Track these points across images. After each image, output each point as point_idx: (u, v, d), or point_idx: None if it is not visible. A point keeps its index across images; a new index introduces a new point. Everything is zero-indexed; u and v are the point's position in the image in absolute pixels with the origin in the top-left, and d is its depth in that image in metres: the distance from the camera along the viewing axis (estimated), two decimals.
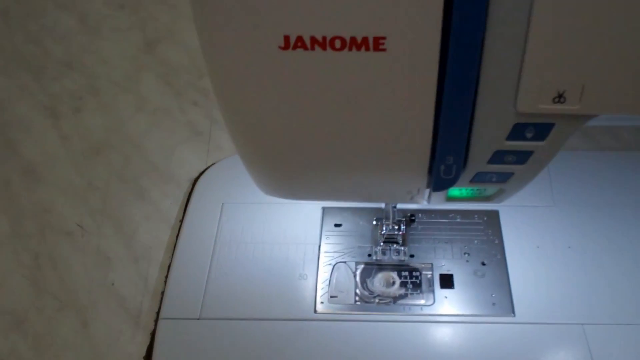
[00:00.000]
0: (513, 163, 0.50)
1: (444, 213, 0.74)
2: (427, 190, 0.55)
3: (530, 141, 0.48)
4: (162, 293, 0.68)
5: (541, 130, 0.47)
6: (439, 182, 0.51)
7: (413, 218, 0.72)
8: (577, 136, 0.81)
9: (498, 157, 0.49)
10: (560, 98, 0.44)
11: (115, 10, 1.03)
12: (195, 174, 0.80)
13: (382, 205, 0.70)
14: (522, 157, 0.50)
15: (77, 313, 0.68)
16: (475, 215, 0.73)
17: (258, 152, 0.51)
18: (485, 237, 0.71)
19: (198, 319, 0.66)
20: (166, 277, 0.70)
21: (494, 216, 0.73)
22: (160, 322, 0.66)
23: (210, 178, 0.79)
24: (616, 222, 0.71)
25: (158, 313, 0.67)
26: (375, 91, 0.44)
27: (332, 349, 0.63)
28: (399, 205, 0.71)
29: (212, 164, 0.81)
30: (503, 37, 0.41)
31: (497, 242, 0.71)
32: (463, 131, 0.47)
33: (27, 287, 0.70)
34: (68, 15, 1.03)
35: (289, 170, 0.52)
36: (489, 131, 0.47)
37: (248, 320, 0.65)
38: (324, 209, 0.74)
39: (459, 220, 0.73)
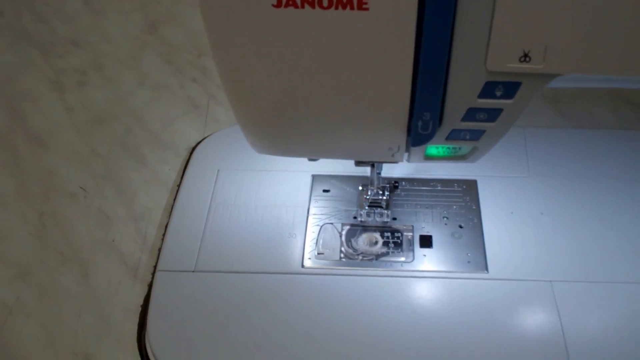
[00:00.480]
0: (484, 121, 0.55)
1: (426, 182, 0.78)
2: (407, 154, 0.60)
3: (500, 99, 0.53)
4: (160, 249, 0.73)
5: (509, 88, 0.52)
6: (417, 137, 0.55)
7: (396, 185, 0.77)
8: (554, 116, 0.86)
9: (471, 114, 0.54)
10: (525, 57, 0.49)
11: None
12: (193, 144, 0.84)
13: (368, 173, 0.75)
14: (492, 114, 0.54)
15: (79, 266, 0.73)
16: (455, 184, 0.78)
17: (252, 107, 0.56)
18: (464, 204, 0.76)
19: (193, 271, 0.70)
20: (164, 234, 0.74)
21: (472, 185, 0.78)
22: (157, 274, 0.70)
23: (207, 147, 0.84)
24: (586, 192, 0.76)
25: (155, 266, 0.71)
26: (359, 48, 0.49)
27: (318, 301, 0.68)
28: (384, 173, 0.76)
29: (209, 135, 0.85)
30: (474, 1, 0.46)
31: (474, 208, 0.75)
32: (438, 88, 0.52)
33: (32, 243, 0.75)
34: None
35: (279, 124, 0.57)
36: (462, 89, 0.52)
37: (240, 274, 0.70)
38: (313, 176, 0.79)
39: (439, 188, 0.78)
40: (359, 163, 0.70)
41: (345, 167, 0.79)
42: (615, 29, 0.46)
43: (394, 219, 0.75)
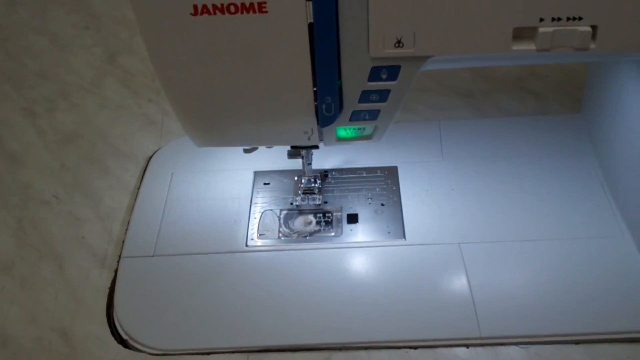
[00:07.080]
0: (377, 101, 0.67)
1: (352, 170, 0.90)
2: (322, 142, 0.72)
3: (386, 81, 0.65)
4: (123, 241, 0.84)
5: (392, 71, 0.64)
6: (323, 118, 0.67)
7: (326, 174, 0.89)
8: (465, 108, 0.99)
9: (365, 96, 0.66)
10: (399, 43, 0.61)
11: (81, 30, 1.20)
12: (150, 153, 0.96)
13: (301, 166, 0.86)
14: (383, 95, 0.66)
15: (54, 259, 0.83)
16: (378, 171, 0.90)
17: (187, 105, 0.68)
18: (386, 186, 0.88)
19: (152, 256, 0.82)
20: (126, 228, 0.86)
21: (393, 170, 0.90)
22: (122, 260, 0.82)
23: (162, 155, 0.95)
24: (489, 171, 0.88)
25: (120, 255, 0.83)
26: (265, 46, 0.61)
27: (260, 273, 0.79)
28: (316, 166, 0.88)
29: (164, 145, 0.97)
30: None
31: (394, 189, 0.87)
32: (334, 75, 0.64)
33: (13, 243, 0.86)
34: (41, 37, 1.20)
35: (210, 117, 0.68)
36: (354, 75, 0.64)
37: (192, 255, 0.81)
38: (255, 172, 0.91)
39: (364, 175, 0.89)
40: (290, 156, 0.81)
41: (281, 163, 0.89)
42: (465, 16, 0.59)
43: (325, 202, 0.86)
